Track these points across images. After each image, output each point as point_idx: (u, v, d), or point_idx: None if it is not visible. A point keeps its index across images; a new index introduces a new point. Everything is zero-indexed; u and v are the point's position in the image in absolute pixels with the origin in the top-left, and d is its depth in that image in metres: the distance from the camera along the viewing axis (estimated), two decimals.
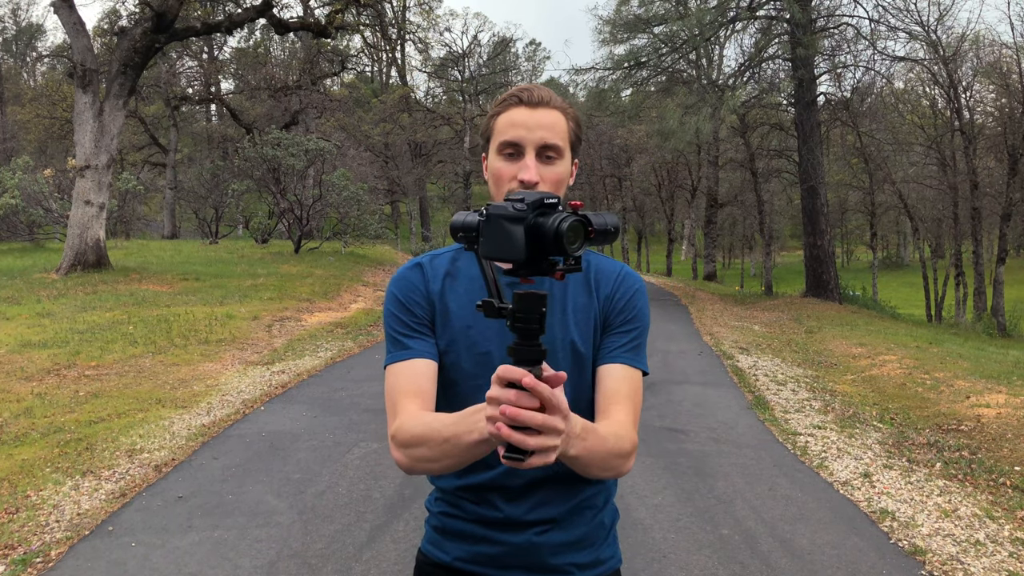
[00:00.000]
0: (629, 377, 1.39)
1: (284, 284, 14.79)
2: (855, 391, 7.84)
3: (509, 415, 0.99)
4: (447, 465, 1.25)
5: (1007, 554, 3.84)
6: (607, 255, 1.57)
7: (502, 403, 1.01)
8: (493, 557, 1.41)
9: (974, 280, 20.48)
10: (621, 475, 1.34)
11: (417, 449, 1.26)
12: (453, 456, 1.22)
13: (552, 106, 1.37)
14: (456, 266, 1.44)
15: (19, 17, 47.51)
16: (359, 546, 3.78)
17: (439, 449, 1.22)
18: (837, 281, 19.23)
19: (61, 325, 9.81)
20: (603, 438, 1.24)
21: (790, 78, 19.43)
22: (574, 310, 1.41)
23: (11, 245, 21.24)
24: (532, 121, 1.35)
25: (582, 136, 1.45)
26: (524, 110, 1.36)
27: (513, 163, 1.36)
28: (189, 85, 37.10)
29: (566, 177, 1.39)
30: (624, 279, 1.44)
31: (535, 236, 1.09)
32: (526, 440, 1.00)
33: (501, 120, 1.38)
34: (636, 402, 1.39)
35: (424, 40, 40.52)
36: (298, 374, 7.93)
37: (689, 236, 45.16)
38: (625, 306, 1.42)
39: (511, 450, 1.02)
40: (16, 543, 3.78)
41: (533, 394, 1.00)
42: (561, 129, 1.37)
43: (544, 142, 1.35)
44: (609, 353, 1.40)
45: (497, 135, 1.38)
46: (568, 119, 1.40)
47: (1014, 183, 18.61)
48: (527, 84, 1.42)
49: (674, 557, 3.73)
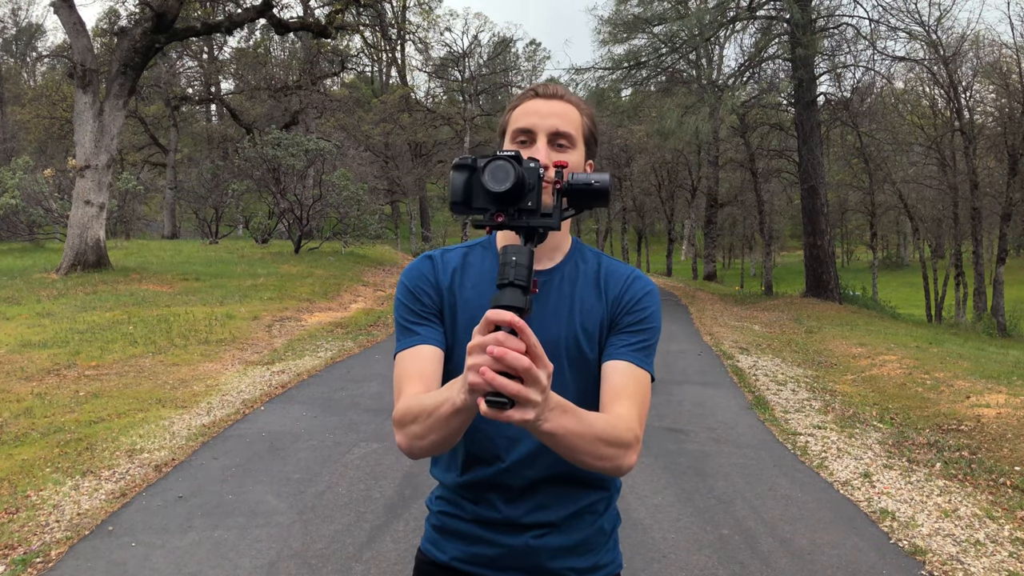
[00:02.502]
0: (635, 375, 1.35)
1: (284, 284, 14.79)
2: (855, 391, 7.84)
3: (497, 355, 0.97)
4: (434, 441, 1.23)
5: (1007, 554, 3.84)
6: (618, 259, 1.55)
7: (488, 345, 0.99)
8: (491, 559, 1.41)
9: (974, 280, 20.48)
10: (621, 470, 1.29)
11: (410, 427, 1.26)
12: (436, 430, 1.21)
13: (567, 100, 1.40)
14: (467, 260, 1.45)
15: (19, 17, 47.54)
16: (359, 546, 3.78)
17: (425, 424, 1.22)
18: (837, 281, 19.23)
19: (61, 325, 9.81)
20: (588, 422, 1.19)
21: (790, 78, 19.44)
22: (581, 310, 1.40)
23: (11, 245, 21.24)
24: (545, 109, 1.38)
25: (598, 136, 1.46)
26: (539, 101, 1.39)
27: (526, 150, 1.37)
28: (189, 85, 37.10)
29: (579, 168, 1.39)
30: (634, 281, 1.43)
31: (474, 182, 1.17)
32: (508, 385, 0.98)
33: (517, 111, 1.40)
34: (642, 400, 1.35)
35: (424, 40, 40.48)
36: (298, 374, 7.93)
37: (689, 236, 45.16)
38: (634, 307, 1.40)
39: (493, 395, 1.00)
40: (16, 543, 3.78)
41: (521, 337, 0.99)
42: (574, 119, 1.39)
43: (556, 129, 1.36)
44: (616, 351, 1.37)
45: (512, 124, 1.40)
46: (583, 114, 1.42)
47: (1014, 183, 18.61)
48: (544, 81, 1.45)
49: (674, 557, 3.73)
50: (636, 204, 36.83)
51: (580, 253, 1.46)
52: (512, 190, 1.12)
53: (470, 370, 1.03)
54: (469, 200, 1.18)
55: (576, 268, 1.44)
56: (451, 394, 1.14)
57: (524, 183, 1.13)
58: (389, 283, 17.73)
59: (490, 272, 1.42)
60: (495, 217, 1.15)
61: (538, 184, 1.15)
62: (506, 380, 0.98)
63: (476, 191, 1.18)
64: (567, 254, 1.45)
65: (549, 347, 1.35)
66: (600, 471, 1.30)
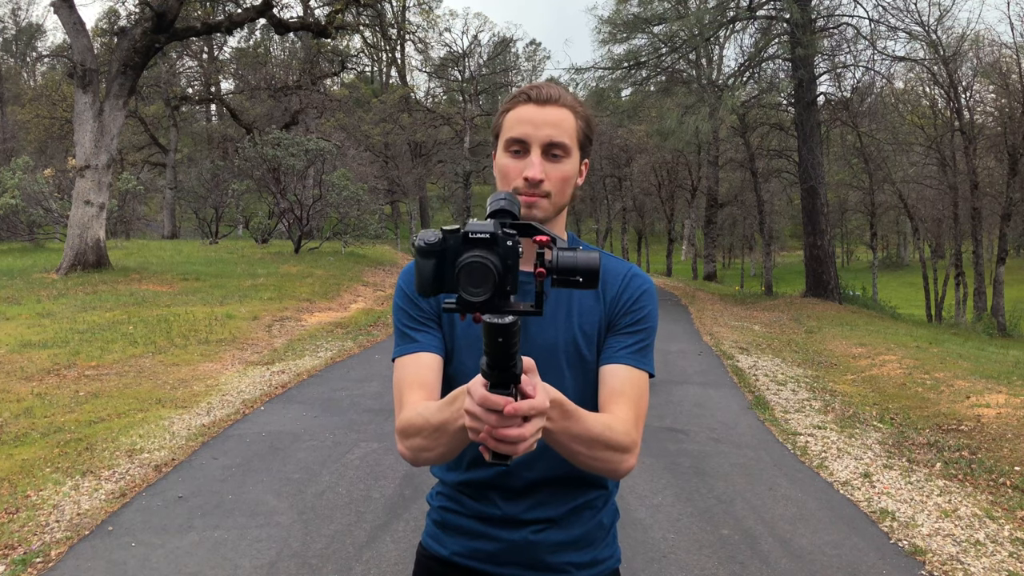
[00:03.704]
0: (632, 378, 1.36)
1: (284, 284, 14.79)
2: (855, 391, 7.84)
3: (496, 436, 1.01)
4: (442, 453, 1.25)
5: (1007, 554, 3.84)
6: (615, 256, 1.54)
7: (484, 423, 1.00)
8: (491, 554, 1.41)
9: (974, 280, 20.48)
10: (618, 473, 1.31)
11: (414, 439, 1.27)
12: (445, 444, 1.22)
13: (561, 104, 1.36)
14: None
15: (19, 17, 47.57)
16: (359, 546, 3.78)
17: (432, 438, 1.23)
18: (837, 281, 19.23)
19: (61, 325, 9.81)
20: (587, 423, 1.21)
21: (790, 78, 19.43)
22: (580, 312, 1.39)
23: (11, 245, 21.24)
24: (539, 118, 1.34)
25: (593, 136, 1.42)
26: (532, 107, 1.35)
27: (519, 160, 1.34)
28: (189, 85, 37.12)
29: (573, 176, 1.38)
30: (632, 279, 1.42)
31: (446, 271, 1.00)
32: (513, 449, 1.01)
33: (510, 117, 1.37)
34: (639, 404, 1.35)
35: (424, 40, 40.55)
36: (298, 374, 7.93)
37: (689, 236, 45.18)
38: (632, 307, 1.39)
39: (496, 456, 1.03)
40: (16, 543, 3.78)
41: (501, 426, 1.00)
42: (569, 127, 1.36)
43: (550, 140, 1.33)
44: (614, 353, 1.37)
45: (505, 132, 1.37)
46: (578, 118, 1.38)
47: (1014, 183, 18.62)
48: (539, 82, 1.40)
49: (674, 557, 3.73)
50: (636, 204, 36.84)
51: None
52: (494, 295, 0.95)
53: (471, 431, 1.04)
54: (442, 288, 1.01)
55: None
56: (459, 412, 1.13)
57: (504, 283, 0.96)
58: (389, 283, 17.73)
59: None
60: (474, 318, 0.98)
61: (516, 262, 0.99)
62: (508, 447, 1.01)
63: (449, 280, 1.00)
64: None
65: (547, 350, 1.36)
66: (598, 472, 1.31)
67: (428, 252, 1.00)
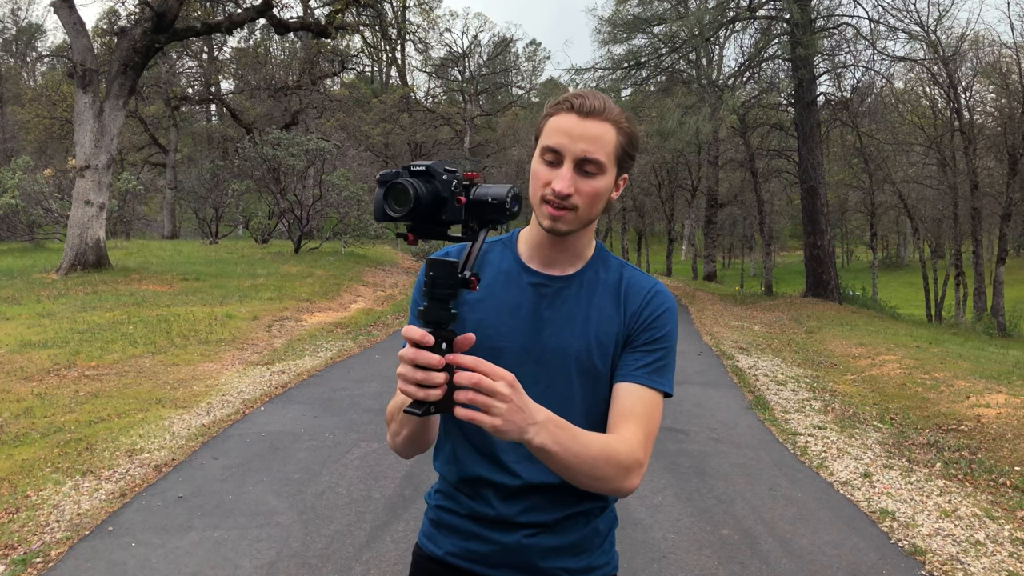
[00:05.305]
0: (644, 398, 1.34)
1: (284, 284, 14.79)
2: (855, 391, 7.84)
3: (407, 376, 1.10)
4: (406, 436, 1.35)
5: (1007, 554, 3.84)
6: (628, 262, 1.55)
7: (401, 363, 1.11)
8: (484, 555, 1.41)
9: (974, 280, 20.49)
10: (620, 492, 1.29)
11: (391, 425, 1.38)
12: (404, 425, 1.33)
13: (604, 118, 1.31)
14: (487, 259, 1.45)
15: (19, 17, 47.53)
16: (359, 546, 3.78)
17: (398, 422, 1.35)
18: (837, 281, 19.23)
19: (61, 325, 9.81)
20: (585, 441, 1.21)
21: (790, 78, 19.43)
22: (598, 320, 1.38)
23: (11, 245, 21.24)
24: (577, 131, 1.29)
25: (635, 152, 1.37)
26: (573, 117, 1.30)
27: (552, 170, 1.31)
28: (189, 85, 37.09)
29: (606, 193, 1.34)
30: (655, 296, 1.40)
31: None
32: (416, 392, 1.10)
33: (550, 123, 1.33)
34: (649, 423, 1.34)
35: (424, 40, 40.51)
36: (298, 374, 7.93)
37: (689, 236, 45.18)
38: (652, 324, 1.38)
39: (411, 406, 1.13)
40: (16, 543, 3.78)
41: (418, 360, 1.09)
42: (608, 143, 1.31)
43: (584, 155, 1.29)
44: (630, 372, 1.36)
45: (543, 138, 1.34)
46: (620, 133, 1.33)
47: (1014, 183, 18.62)
48: (585, 90, 1.36)
49: (674, 557, 3.73)
50: (636, 204, 36.83)
51: (603, 261, 1.44)
52: (411, 214, 1.14)
53: (398, 376, 1.13)
54: (388, 216, 1.19)
55: (596, 276, 1.41)
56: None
57: (422, 204, 1.15)
58: (389, 283, 17.73)
59: (506, 271, 1.42)
60: (408, 237, 1.19)
61: (451, 196, 1.18)
62: (415, 388, 1.10)
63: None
64: (588, 261, 1.43)
65: (559, 355, 1.36)
66: (597, 491, 1.31)
67: (382, 182, 1.18)
